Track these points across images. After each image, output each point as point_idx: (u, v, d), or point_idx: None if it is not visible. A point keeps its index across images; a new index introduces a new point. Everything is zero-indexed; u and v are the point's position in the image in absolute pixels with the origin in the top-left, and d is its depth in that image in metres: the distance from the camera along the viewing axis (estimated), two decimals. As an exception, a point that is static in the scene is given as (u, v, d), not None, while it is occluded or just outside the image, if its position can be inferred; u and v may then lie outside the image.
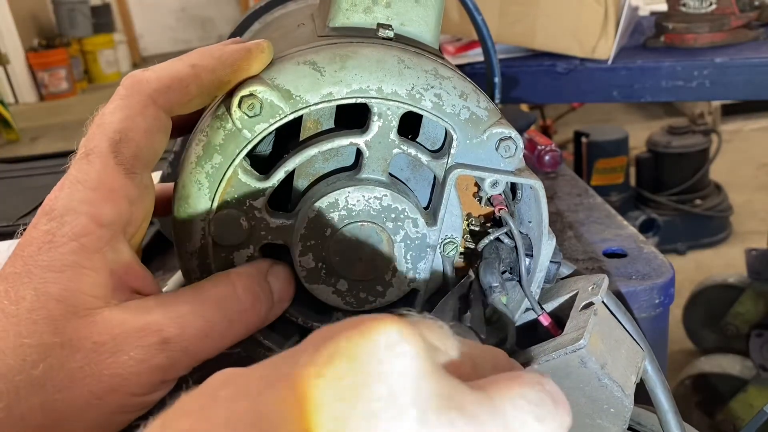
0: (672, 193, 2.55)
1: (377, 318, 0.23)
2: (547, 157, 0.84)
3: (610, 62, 1.10)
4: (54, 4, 6.59)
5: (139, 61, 7.64)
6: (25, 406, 0.31)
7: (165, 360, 0.33)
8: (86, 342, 0.32)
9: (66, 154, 0.37)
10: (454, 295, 0.43)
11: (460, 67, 1.15)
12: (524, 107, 2.22)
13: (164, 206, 0.41)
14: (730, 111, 3.50)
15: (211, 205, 0.38)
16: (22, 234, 0.34)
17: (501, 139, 0.38)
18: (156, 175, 0.92)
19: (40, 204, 0.35)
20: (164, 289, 0.61)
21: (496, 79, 0.79)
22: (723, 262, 2.41)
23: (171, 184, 0.40)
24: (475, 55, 1.16)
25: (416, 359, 0.22)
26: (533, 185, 0.39)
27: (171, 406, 0.23)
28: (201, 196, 0.38)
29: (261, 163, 0.41)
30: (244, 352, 0.41)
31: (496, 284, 0.39)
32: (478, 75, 1.12)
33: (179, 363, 0.34)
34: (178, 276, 0.64)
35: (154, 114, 0.36)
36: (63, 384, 0.31)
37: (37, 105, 6.03)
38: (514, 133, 0.38)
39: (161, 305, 0.34)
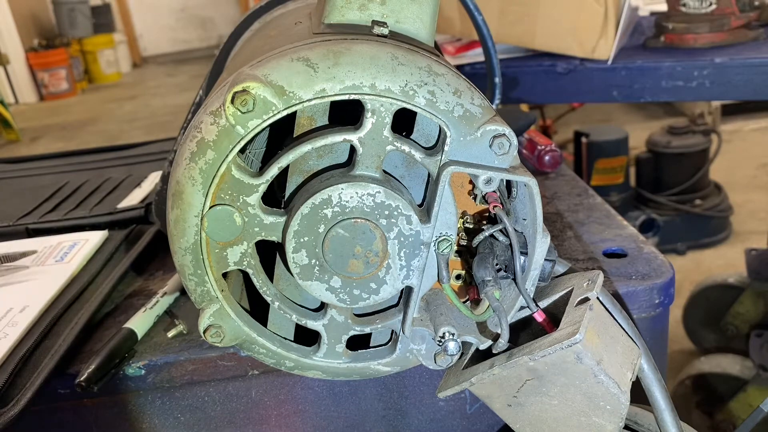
0: (672, 193, 2.54)
1: None
2: (547, 157, 0.84)
3: (610, 62, 1.10)
4: (54, 4, 6.58)
5: (139, 61, 7.64)
6: None
7: None
8: None
9: (66, 155, 0.37)
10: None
11: (460, 67, 1.15)
12: (524, 107, 2.21)
13: None
14: (730, 111, 3.50)
15: (205, 201, 0.38)
16: (27, 234, 0.32)
17: (495, 136, 0.38)
18: (156, 175, 0.92)
19: (41, 204, 0.34)
20: (164, 289, 0.61)
21: (497, 80, 0.79)
22: (723, 262, 2.40)
23: None
24: (475, 55, 1.16)
25: None
26: (527, 182, 0.39)
27: None
28: (194, 192, 0.38)
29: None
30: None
31: (489, 278, 0.39)
32: (478, 75, 1.12)
33: None
34: (178, 276, 0.63)
35: None
36: None
37: (37, 105, 6.02)
38: (508, 130, 0.38)
39: None
